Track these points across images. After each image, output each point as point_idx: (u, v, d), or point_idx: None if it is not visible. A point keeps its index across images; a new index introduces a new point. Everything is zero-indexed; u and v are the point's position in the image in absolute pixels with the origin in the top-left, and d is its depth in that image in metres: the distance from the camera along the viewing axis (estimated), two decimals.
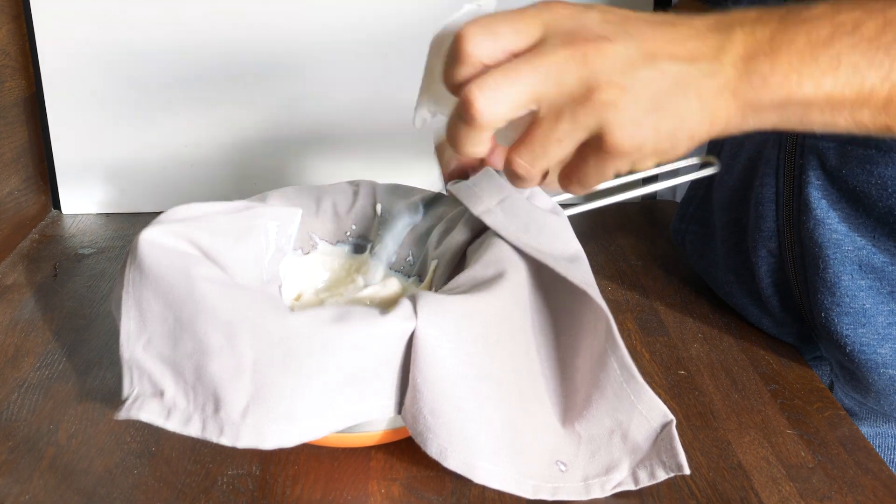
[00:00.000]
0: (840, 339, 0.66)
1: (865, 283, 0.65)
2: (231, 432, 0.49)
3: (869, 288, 0.65)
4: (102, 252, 0.90)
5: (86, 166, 1.00)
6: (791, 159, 0.67)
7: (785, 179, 0.68)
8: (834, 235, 0.65)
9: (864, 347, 0.65)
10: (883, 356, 0.65)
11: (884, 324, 0.64)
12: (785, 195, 0.68)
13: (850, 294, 0.65)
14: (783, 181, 0.68)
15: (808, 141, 0.65)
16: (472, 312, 0.52)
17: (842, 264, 0.65)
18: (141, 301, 0.52)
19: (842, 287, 0.65)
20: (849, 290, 0.65)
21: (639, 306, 0.79)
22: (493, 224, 0.58)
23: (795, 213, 0.67)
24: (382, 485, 0.56)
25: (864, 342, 0.65)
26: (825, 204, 0.65)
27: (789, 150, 0.67)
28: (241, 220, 0.61)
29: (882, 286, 0.64)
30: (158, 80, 0.97)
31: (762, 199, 0.70)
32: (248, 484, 0.56)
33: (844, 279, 0.65)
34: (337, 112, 1.00)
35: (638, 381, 0.55)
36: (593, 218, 0.97)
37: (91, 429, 0.61)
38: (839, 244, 0.65)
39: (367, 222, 0.68)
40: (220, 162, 1.01)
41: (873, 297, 0.65)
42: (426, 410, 0.51)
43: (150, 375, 0.52)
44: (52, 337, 0.73)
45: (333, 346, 0.49)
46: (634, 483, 0.54)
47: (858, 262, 0.64)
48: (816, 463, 0.59)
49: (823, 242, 0.65)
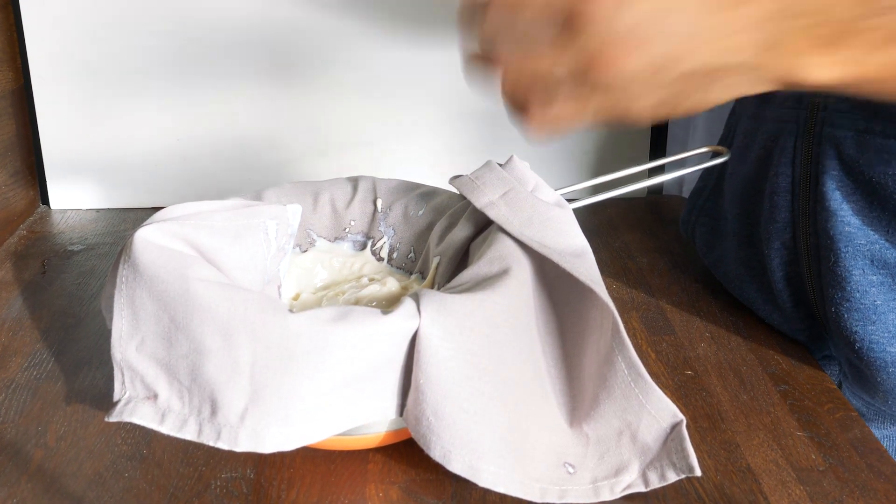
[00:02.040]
0: (849, 336, 0.65)
1: (877, 279, 0.64)
2: (229, 436, 0.49)
3: (881, 284, 0.64)
4: (92, 249, 0.90)
5: (75, 160, 1.00)
6: (808, 148, 0.67)
7: (801, 169, 0.67)
8: (846, 228, 0.64)
9: (872, 345, 0.65)
10: (892, 355, 0.64)
11: (895, 322, 0.64)
12: (801, 185, 0.68)
13: (861, 290, 0.65)
14: (799, 170, 0.68)
15: (825, 129, 0.65)
16: (476, 311, 0.52)
17: (853, 258, 0.64)
18: (134, 300, 0.52)
19: (852, 282, 0.65)
20: (859, 286, 0.65)
21: (644, 305, 0.78)
22: (496, 217, 0.58)
23: (811, 203, 0.67)
24: (380, 488, 0.56)
25: (873, 340, 0.65)
26: (839, 195, 0.65)
27: (806, 138, 0.67)
28: (239, 218, 0.61)
29: (894, 283, 0.64)
30: (150, 72, 0.97)
31: (777, 189, 0.69)
32: (243, 487, 0.56)
33: (855, 274, 0.64)
34: (337, 104, 0.99)
35: (646, 380, 0.55)
36: (597, 213, 0.97)
37: (80, 431, 0.61)
38: (851, 237, 0.64)
39: (367, 218, 0.68)
40: (213, 156, 1.00)
41: (885, 294, 0.64)
42: (429, 412, 0.50)
43: (144, 377, 0.51)
44: (41, 336, 0.73)
45: (333, 347, 0.49)
46: (644, 485, 0.54)
47: (871, 256, 0.64)
48: (827, 466, 0.58)
49: (835, 235, 0.65)
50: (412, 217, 0.67)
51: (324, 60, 0.98)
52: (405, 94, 0.99)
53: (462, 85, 0.58)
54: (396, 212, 0.68)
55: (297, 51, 0.97)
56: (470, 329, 0.51)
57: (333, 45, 0.97)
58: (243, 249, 0.60)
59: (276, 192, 0.66)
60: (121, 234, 0.93)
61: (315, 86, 0.98)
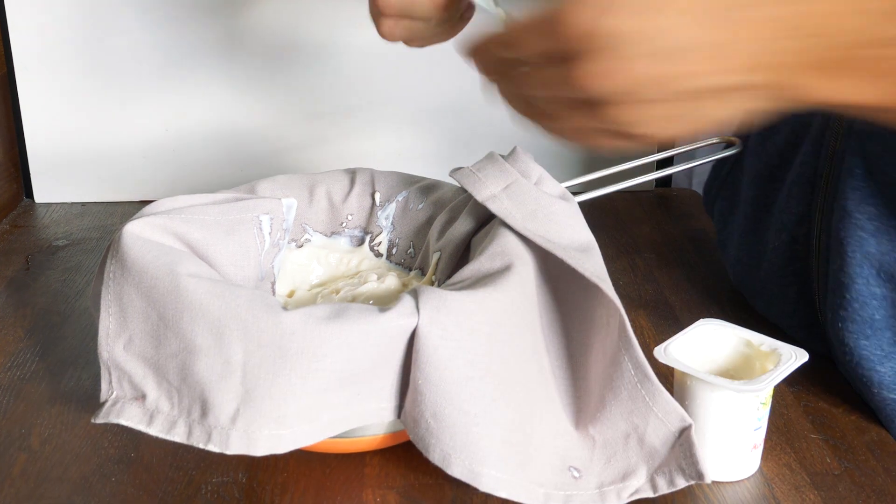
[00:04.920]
0: (842, 346, 0.64)
1: (880, 293, 0.63)
2: (220, 438, 0.49)
3: (883, 298, 0.62)
4: (78, 244, 0.90)
5: (60, 152, 0.99)
6: (834, 141, 0.66)
7: (826, 162, 0.66)
8: (859, 232, 0.63)
9: (862, 361, 0.63)
10: (881, 376, 0.62)
11: (890, 340, 0.62)
12: (824, 179, 0.67)
13: (861, 300, 0.63)
14: (825, 164, 0.67)
15: (855, 123, 0.63)
16: (477, 308, 0.52)
17: (860, 265, 0.63)
18: (122, 297, 0.52)
19: (853, 290, 0.63)
20: (860, 296, 0.63)
21: (652, 302, 0.78)
22: (499, 211, 0.58)
23: (829, 200, 0.66)
24: (378, 493, 0.56)
25: (863, 356, 0.63)
26: (857, 196, 0.63)
27: (836, 130, 0.66)
28: (232, 212, 0.61)
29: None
30: (137, 61, 0.96)
31: (800, 179, 0.68)
32: (234, 492, 0.56)
33: (859, 282, 0.63)
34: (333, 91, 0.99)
35: (653, 382, 0.55)
36: (603, 206, 0.97)
37: (66, 433, 0.61)
38: (862, 242, 0.63)
39: (365, 212, 0.68)
40: (204, 147, 1.00)
41: (885, 310, 0.62)
42: (428, 414, 0.50)
43: (131, 377, 0.51)
44: (24, 335, 0.73)
45: (329, 346, 0.49)
46: (653, 490, 0.54)
47: (878, 267, 0.62)
48: (843, 470, 0.58)
49: (845, 237, 0.63)
50: (412, 211, 0.67)
51: (318, 47, 0.97)
52: (405, 82, 0.99)
53: (464, 73, 0.58)
54: (395, 206, 0.68)
55: (291, 36, 0.97)
56: (470, 328, 0.51)
57: (329, 31, 0.97)
58: (236, 245, 0.60)
59: (270, 185, 0.66)
60: (108, 229, 0.93)
61: (310, 72, 0.98)
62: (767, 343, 0.58)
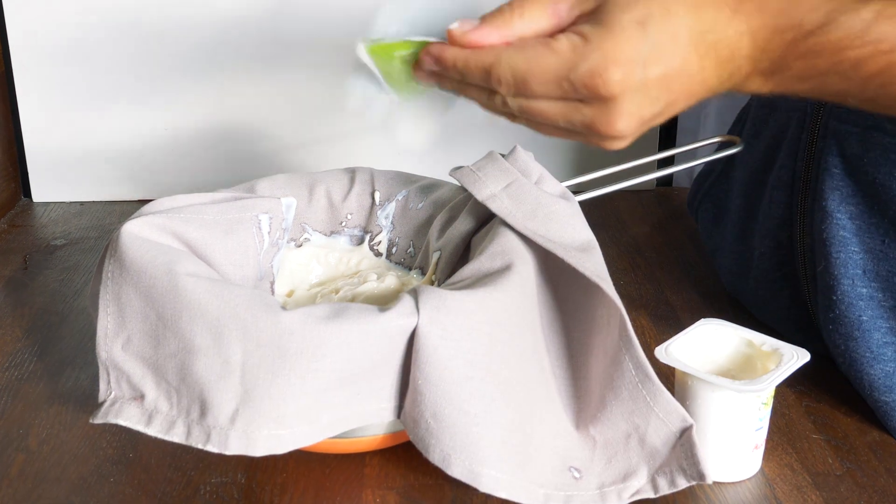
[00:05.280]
0: (835, 348, 0.64)
1: (866, 293, 0.62)
2: (219, 439, 0.49)
3: (869, 298, 0.62)
4: (76, 243, 0.90)
5: (58, 151, 0.99)
6: (812, 142, 0.66)
7: (804, 164, 0.67)
8: (841, 232, 0.63)
9: (853, 363, 0.62)
10: (871, 378, 0.62)
11: (879, 342, 0.62)
12: (802, 181, 0.67)
13: (847, 301, 0.62)
14: (802, 165, 0.67)
15: (831, 123, 0.64)
16: (477, 308, 0.52)
17: (844, 266, 0.62)
18: (120, 297, 0.52)
19: (839, 291, 0.62)
20: (846, 296, 0.62)
21: (653, 301, 0.78)
22: (499, 210, 0.58)
23: (810, 201, 0.66)
24: (377, 494, 0.56)
25: (854, 358, 0.62)
26: (837, 196, 0.63)
27: (812, 131, 0.66)
28: (231, 211, 0.61)
29: (885, 298, 0.62)
30: (136, 60, 0.96)
31: (779, 183, 0.69)
32: (233, 493, 0.56)
33: (844, 283, 0.62)
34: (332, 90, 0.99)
35: (654, 382, 0.55)
36: (604, 206, 0.97)
37: (64, 434, 0.61)
38: (845, 243, 0.63)
39: (365, 212, 0.68)
40: (203, 146, 1.00)
41: (872, 310, 0.62)
42: (428, 414, 0.50)
43: (130, 377, 0.51)
44: (23, 335, 0.73)
45: (328, 346, 0.49)
46: (654, 491, 0.54)
47: (863, 266, 0.62)
48: (845, 470, 0.58)
49: (829, 238, 0.63)
50: (411, 210, 0.67)
51: (319, 46, 0.97)
52: None
53: None
54: (395, 205, 0.68)
55: (291, 36, 0.97)
56: (470, 327, 0.51)
57: (327, 28, 0.97)
58: (235, 244, 0.60)
59: (270, 185, 0.66)
60: (106, 229, 0.93)
61: (309, 69, 0.98)
62: (769, 343, 0.58)
